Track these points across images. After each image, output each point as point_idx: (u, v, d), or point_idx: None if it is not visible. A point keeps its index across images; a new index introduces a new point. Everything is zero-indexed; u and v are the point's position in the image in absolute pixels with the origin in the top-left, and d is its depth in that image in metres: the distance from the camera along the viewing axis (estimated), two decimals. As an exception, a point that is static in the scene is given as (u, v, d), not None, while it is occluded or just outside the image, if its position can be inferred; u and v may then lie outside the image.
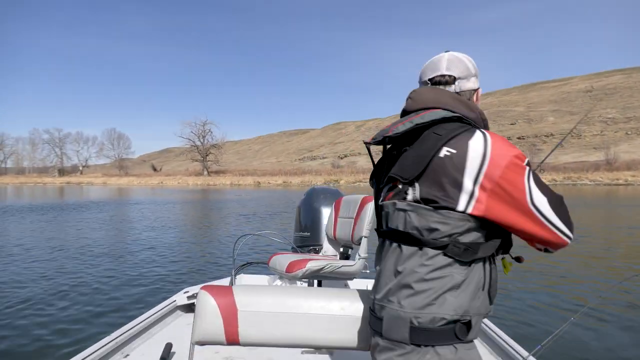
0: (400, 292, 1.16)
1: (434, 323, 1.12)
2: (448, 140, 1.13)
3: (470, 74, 1.30)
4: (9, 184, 77.45)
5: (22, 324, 4.80)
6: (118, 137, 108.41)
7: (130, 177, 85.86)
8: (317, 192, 4.05)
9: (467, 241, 1.12)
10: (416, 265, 1.14)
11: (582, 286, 6.60)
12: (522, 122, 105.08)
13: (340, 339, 1.51)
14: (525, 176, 1.09)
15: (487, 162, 1.08)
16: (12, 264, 8.07)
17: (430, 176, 1.13)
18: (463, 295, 1.13)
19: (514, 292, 5.96)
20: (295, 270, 2.62)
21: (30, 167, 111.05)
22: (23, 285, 6.44)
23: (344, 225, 3.13)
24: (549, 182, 54.26)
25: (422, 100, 1.26)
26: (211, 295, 1.52)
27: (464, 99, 1.27)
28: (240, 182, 66.96)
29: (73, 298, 5.80)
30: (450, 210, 1.11)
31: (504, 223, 1.12)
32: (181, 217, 17.98)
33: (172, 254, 9.25)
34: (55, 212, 19.51)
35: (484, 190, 1.09)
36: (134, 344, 2.72)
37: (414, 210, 1.15)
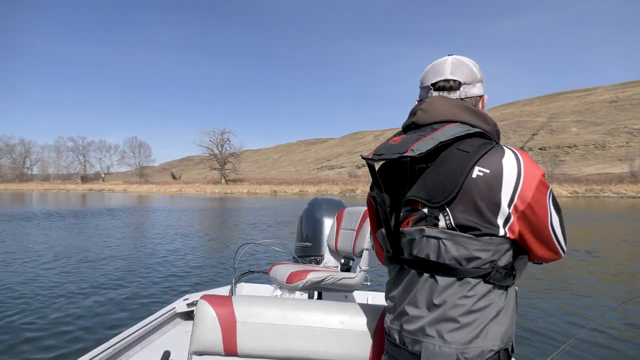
0: (441, 325, 1.06)
1: (482, 357, 1.05)
2: (479, 158, 1.06)
3: (475, 79, 1.22)
4: (34, 190, 79.58)
5: (19, 328, 4.81)
6: (139, 146, 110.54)
7: (150, 184, 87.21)
8: (319, 202, 4.06)
9: (503, 264, 1.07)
10: (458, 297, 1.05)
11: (589, 303, 6.44)
12: (544, 133, 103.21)
13: (339, 353, 1.51)
14: (548, 196, 1.07)
15: (522, 182, 1.03)
16: (14, 268, 8.17)
17: (464, 199, 1.04)
18: (505, 321, 1.08)
19: (523, 302, 5.92)
20: (296, 281, 2.60)
21: (55, 174, 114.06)
22: (23, 290, 6.50)
23: (345, 237, 3.11)
24: (570, 194, 53.12)
25: (436, 113, 1.14)
26: (210, 305, 1.52)
27: (480, 110, 1.18)
28: (257, 190, 67.37)
29: (73, 303, 5.81)
30: (493, 236, 1.04)
31: (524, 242, 1.10)
32: (190, 224, 18.08)
33: (175, 260, 9.29)
34: (67, 219, 19.86)
35: (516, 212, 1.03)
36: (132, 351, 2.69)
37: (450, 238, 1.05)
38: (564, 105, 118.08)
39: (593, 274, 8.25)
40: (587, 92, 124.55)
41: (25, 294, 6.28)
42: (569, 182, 59.85)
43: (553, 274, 8.09)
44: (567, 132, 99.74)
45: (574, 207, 31.50)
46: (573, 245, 11.95)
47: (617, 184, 54.40)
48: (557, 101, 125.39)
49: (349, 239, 3.03)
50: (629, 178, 58.71)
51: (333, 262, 3.38)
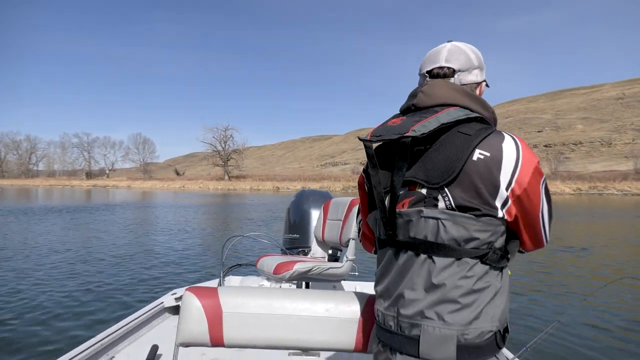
0: (441, 307, 1.06)
1: (481, 337, 1.06)
2: (480, 141, 1.06)
3: (472, 66, 1.21)
4: (40, 186, 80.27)
5: (5, 325, 4.78)
6: (143, 142, 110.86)
7: (153, 180, 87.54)
8: (306, 194, 4.07)
9: (499, 246, 1.08)
10: (457, 278, 1.05)
11: (570, 288, 6.58)
12: (550, 130, 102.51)
13: (325, 341, 1.52)
14: (542, 184, 1.08)
15: (520, 167, 1.04)
16: (6, 263, 8.21)
17: (464, 181, 1.04)
18: (501, 302, 1.09)
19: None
20: (283, 272, 2.61)
21: (61, 170, 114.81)
22: (12, 284, 6.51)
23: (332, 227, 3.12)
24: (573, 191, 52.74)
25: (437, 97, 1.14)
26: (196, 297, 1.52)
27: (479, 96, 1.18)
28: (260, 187, 67.46)
29: (60, 299, 5.78)
30: (492, 217, 1.05)
31: (517, 227, 1.12)
32: (186, 220, 18.13)
33: (165, 255, 9.29)
34: (64, 214, 20.00)
35: (513, 196, 1.05)
36: (119, 346, 2.69)
37: (450, 219, 1.05)
38: (569, 102, 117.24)
39: (585, 268, 8.19)
40: (593, 89, 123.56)
41: (14, 289, 6.29)
42: (572, 179, 59.40)
43: (550, 268, 8.04)
44: (572, 129, 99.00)
45: (577, 205, 31.33)
46: (568, 243, 11.87)
47: (622, 181, 53.90)
48: (562, 98, 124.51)
49: (336, 229, 3.04)
50: (634, 175, 58.13)
51: (320, 252, 3.38)
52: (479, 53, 1.24)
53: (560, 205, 30.05)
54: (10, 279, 6.88)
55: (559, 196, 45.57)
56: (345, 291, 1.63)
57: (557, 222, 17.77)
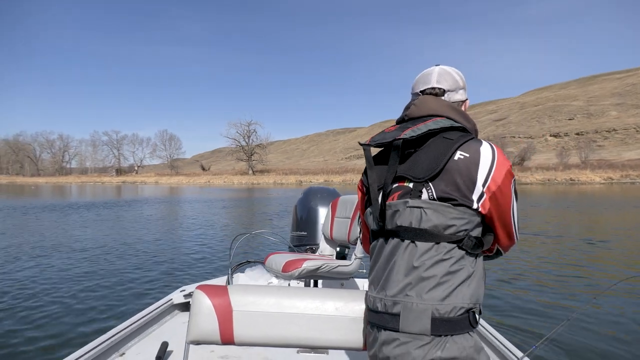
0: (420, 285, 1.20)
1: (453, 313, 1.18)
2: (461, 145, 1.24)
3: (458, 87, 1.42)
4: (72, 183, 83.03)
5: (18, 321, 4.82)
6: (170, 138, 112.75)
7: (180, 176, 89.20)
8: (314, 191, 4.08)
9: (475, 235, 1.25)
10: (435, 260, 1.20)
11: (582, 284, 6.41)
12: (581, 117, 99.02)
13: (334, 339, 1.53)
14: (512, 185, 1.27)
15: (495, 168, 1.22)
16: (14, 260, 8.44)
17: (446, 176, 1.22)
18: (474, 285, 1.23)
19: (509, 293, 5.94)
20: (291, 270, 2.61)
21: (92, 167, 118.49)
22: (21, 282, 6.60)
23: (340, 225, 3.12)
24: (604, 180, 50.86)
25: (426, 109, 1.35)
26: (206, 295, 1.53)
27: (462, 110, 1.38)
28: (283, 181, 67.86)
29: (71, 295, 5.82)
30: (467, 208, 1.22)
31: (491, 221, 1.29)
32: (201, 215, 18.36)
33: (176, 251, 9.32)
34: (81, 211, 20.59)
35: (488, 192, 1.22)
36: (130, 342, 2.72)
37: (431, 207, 1.21)
38: (602, 87, 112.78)
39: (599, 263, 7.87)
40: (628, 74, 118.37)
41: (27, 285, 6.40)
42: (603, 167, 57.21)
43: (562, 263, 7.76)
44: (606, 116, 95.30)
45: (607, 194, 30.17)
46: (584, 234, 11.45)
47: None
48: (595, 84, 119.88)
49: (344, 227, 3.03)
50: (671, 163, 55.53)
51: (329, 250, 3.37)
52: (462, 75, 1.45)
53: (587, 196, 29.02)
54: (23, 276, 7.01)
55: (589, 186, 44.07)
56: (355, 290, 1.63)
57: (574, 212, 17.30)
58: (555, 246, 9.63)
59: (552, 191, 35.91)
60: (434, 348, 1.18)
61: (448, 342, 1.18)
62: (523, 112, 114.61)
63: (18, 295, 5.85)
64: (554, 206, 21.16)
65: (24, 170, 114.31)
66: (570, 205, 21.70)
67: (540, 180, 53.99)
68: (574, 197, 28.33)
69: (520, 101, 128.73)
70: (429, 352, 1.17)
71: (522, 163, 70.18)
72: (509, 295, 5.83)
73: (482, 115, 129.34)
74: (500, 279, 6.68)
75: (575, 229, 12.61)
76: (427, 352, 1.18)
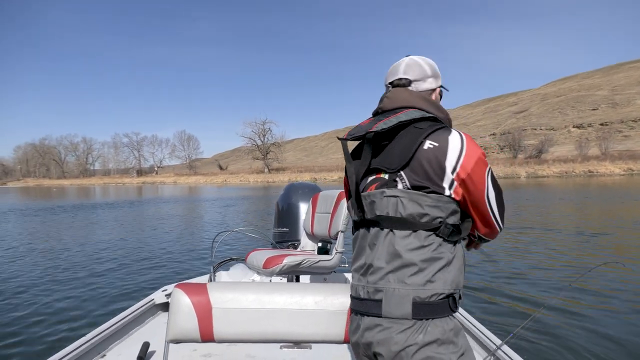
0: (402, 272, 1.24)
1: (434, 298, 1.22)
2: (429, 134, 1.28)
3: (426, 76, 1.44)
4: (95, 184, 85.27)
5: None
6: (188, 139, 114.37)
7: (198, 176, 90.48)
8: (295, 187, 4.11)
9: (452, 223, 1.27)
10: (414, 247, 1.24)
11: (557, 275, 6.43)
12: (606, 107, 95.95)
13: (315, 333, 1.55)
14: (487, 172, 1.29)
15: (464, 155, 1.24)
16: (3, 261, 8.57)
17: (416, 165, 1.25)
18: (454, 271, 1.26)
19: (487, 281, 6.04)
20: (272, 266, 2.63)
21: (115, 168, 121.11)
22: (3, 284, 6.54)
23: (321, 221, 3.14)
24: (624, 171, 49.22)
25: (398, 101, 1.38)
26: (185, 293, 1.54)
27: (434, 101, 1.42)
28: (298, 178, 67.91)
29: (52, 296, 5.74)
30: (440, 195, 1.25)
31: (467, 208, 1.31)
32: (198, 214, 18.55)
33: (163, 251, 9.25)
34: (81, 210, 21.00)
35: (458, 179, 1.25)
36: (111, 344, 2.69)
37: (407, 196, 1.25)
38: (628, 76, 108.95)
39: (580, 252, 7.64)
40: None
41: (3, 287, 6.32)
42: (623, 159, 55.29)
43: (542, 253, 7.56)
44: (631, 105, 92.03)
45: (627, 185, 29.16)
46: (565, 225, 11.10)
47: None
48: (620, 72, 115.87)
49: (325, 222, 3.05)
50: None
51: (310, 245, 3.40)
52: (433, 64, 1.47)
53: (599, 188, 28.09)
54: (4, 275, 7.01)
55: (608, 178, 42.70)
56: (334, 283, 1.66)
57: (572, 205, 16.78)
58: (535, 238, 9.44)
59: (566, 184, 35.00)
60: (415, 332, 1.21)
61: (429, 325, 1.21)
62: (544, 104, 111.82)
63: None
64: (548, 199, 20.55)
65: (50, 173, 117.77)
66: (570, 198, 21.08)
67: (557, 172, 52.82)
68: (586, 189, 27.48)
69: (542, 92, 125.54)
70: (411, 337, 1.20)
71: (540, 156, 68.64)
72: (487, 283, 5.94)
73: (502, 107, 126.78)
74: (482, 267, 6.75)
75: (565, 221, 12.25)
76: (409, 336, 1.21)
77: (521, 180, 45.10)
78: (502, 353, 2.27)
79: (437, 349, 1.21)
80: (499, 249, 8.18)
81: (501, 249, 8.30)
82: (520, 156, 71.93)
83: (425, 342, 1.20)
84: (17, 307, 5.34)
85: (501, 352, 2.27)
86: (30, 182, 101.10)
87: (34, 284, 6.55)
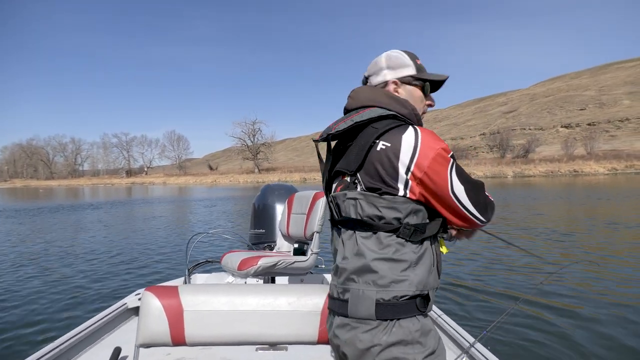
0: (364, 273, 1.24)
1: (397, 299, 1.22)
2: (382, 134, 1.25)
3: (379, 69, 1.41)
4: (84, 185, 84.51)
5: None
6: (177, 139, 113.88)
7: (187, 176, 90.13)
8: (271, 189, 4.11)
9: (414, 223, 1.24)
10: (374, 249, 1.24)
11: (531, 272, 6.50)
12: (593, 107, 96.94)
13: (288, 334, 1.54)
14: (448, 168, 1.23)
15: (418, 154, 1.20)
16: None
17: (369, 167, 1.25)
18: (420, 272, 1.24)
19: (459, 279, 6.10)
20: (247, 268, 2.62)
21: (104, 169, 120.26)
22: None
23: (297, 222, 3.14)
24: (608, 171, 49.78)
25: (360, 99, 1.37)
26: (156, 297, 1.52)
27: (395, 96, 1.36)
28: (288, 178, 67.87)
29: (22, 302, 5.58)
30: (394, 196, 1.22)
31: (432, 206, 1.28)
32: (182, 215, 18.48)
33: (138, 253, 9.09)
34: (62, 212, 20.84)
35: (414, 179, 1.22)
36: (81, 349, 2.63)
37: (363, 198, 1.25)
38: (615, 76, 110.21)
39: (551, 252, 7.71)
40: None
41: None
42: (607, 158, 55.98)
43: (512, 254, 7.64)
44: (618, 105, 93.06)
45: (610, 185, 29.48)
46: (532, 225, 11.21)
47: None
48: (607, 72, 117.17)
49: (300, 223, 3.05)
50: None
51: (286, 247, 3.40)
52: (399, 55, 1.41)
53: (586, 187, 28.39)
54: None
55: (593, 177, 43.09)
56: (308, 284, 1.66)
57: (545, 204, 16.91)
58: (510, 236, 9.40)
59: (552, 183, 35.32)
60: (380, 333, 1.21)
61: (395, 326, 1.21)
62: (533, 104, 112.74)
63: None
64: (527, 200, 20.74)
65: (38, 174, 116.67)
66: (549, 197, 21.29)
67: (544, 172, 53.19)
68: (568, 189, 27.74)
69: (531, 92, 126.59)
70: (376, 337, 1.21)
71: (527, 155, 69.25)
72: (463, 281, 5.99)
73: (492, 107, 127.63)
74: (456, 265, 6.86)
75: (540, 220, 12.38)
76: (374, 337, 1.21)
77: (508, 180, 45.42)
78: (475, 351, 2.29)
79: (403, 349, 1.20)
80: (472, 248, 8.26)
81: (475, 247, 8.37)
82: (508, 156, 72.54)
83: (389, 343, 1.20)
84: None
85: (474, 350, 2.29)
86: (17, 183, 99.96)
87: (9, 284, 6.42)
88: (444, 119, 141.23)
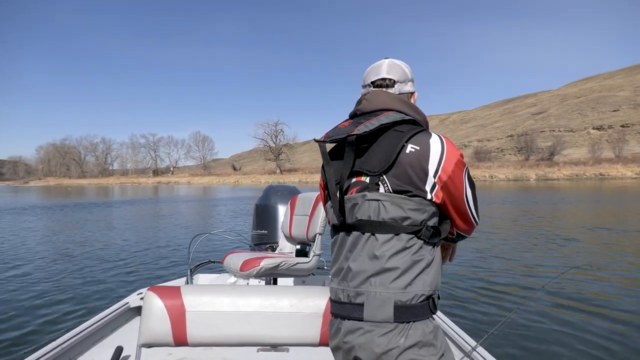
0: (383, 276, 1.23)
1: (415, 300, 1.23)
2: (410, 137, 1.28)
3: (407, 79, 1.44)
4: (113, 184, 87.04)
5: None
6: (203, 140, 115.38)
7: (211, 176, 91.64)
8: (274, 190, 4.12)
9: (432, 225, 1.28)
10: (396, 250, 1.24)
11: (530, 277, 6.49)
12: (627, 108, 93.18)
13: (289, 336, 1.54)
14: (464, 173, 1.30)
15: (444, 159, 1.25)
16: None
17: (399, 169, 1.25)
18: (433, 272, 1.27)
19: (462, 282, 6.08)
20: (249, 269, 2.63)
21: (133, 168, 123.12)
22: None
23: (299, 223, 3.14)
24: (636, 174, 47.57)
25: (378, 103, 1.37)
26: (158, 297, 1.52)
27: (412, 103, 1.40)
28: (308, 179, 68.11)
29: (24, 300, 5.56)
30: (422, 198, 1.25)
31: (446, 209, 1.32)
32: (194, 213, 18.65)
33: (143, 253, 9.06)
34: (83, 209, 21.30)
35: (440, 182, 1.25)
36: (83, 348, 2.62)
37: (388, 199, 1.25)
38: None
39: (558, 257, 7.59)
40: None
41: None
42: (637, 161, 53.58)
43: (515, 256, 7.55)
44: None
45: (635, 189, 28.33)
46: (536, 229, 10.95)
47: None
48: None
49: (303, 225, 3.04)
50: None
51: (288, 248, 3.37)
52: (410, 69, 1.47)
53: (610, 191, 27.38)
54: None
55: (619, 181, 41.62)
56: (310, 286, 1.67)
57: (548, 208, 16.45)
58: (507, 240, 9.30)
59: (576, 187, 34.14)
60: (397, 335, 1.21)
61: (411, 328, 1.22)
62: (564, 105, 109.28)
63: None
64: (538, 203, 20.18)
65: (71, 173, 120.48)
66: (569, 201, 20.65)
67: (568, 175, 51.56)
68: (593, 193, 26.80)
69: (562, 93, 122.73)
70: (392, 340, 1.20)
71: (551, 158, 67.24)
72: (462, 284, 5.99)
73: (520, 109, 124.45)
74: (457, 269, 6.79)
75: (545, 225, 12.08)
76: (391, 340, 1.20)
77: (530, 183, 44.31)
78: (477, 354, 2.27)
79: (418, 351, 1.21)
80: (475, 251, 8.18)
81: (477, 250, 8.29)
82: (532, 158, 70.58)
83: (407, 346, 1.20)
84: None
85: (476, 354, 2.27)
86: (51, 181, 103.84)
87: (0, 284, 6.38)
88: (470, 120, 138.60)
